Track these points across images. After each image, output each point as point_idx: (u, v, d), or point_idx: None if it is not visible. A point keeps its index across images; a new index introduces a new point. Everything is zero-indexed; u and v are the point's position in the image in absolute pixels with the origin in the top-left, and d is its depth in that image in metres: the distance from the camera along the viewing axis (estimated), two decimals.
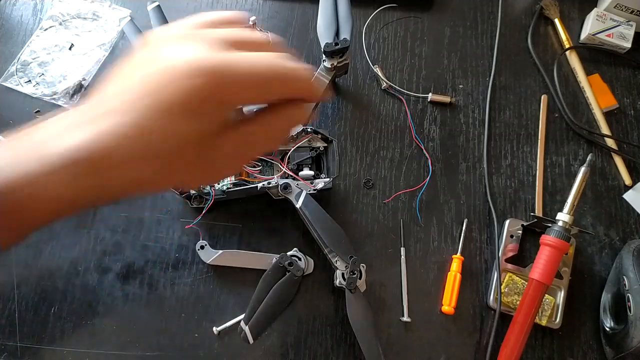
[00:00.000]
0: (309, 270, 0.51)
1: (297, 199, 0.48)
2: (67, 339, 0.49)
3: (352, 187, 0.56)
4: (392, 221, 0.55)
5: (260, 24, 0.60)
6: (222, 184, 0.50)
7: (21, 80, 0.57)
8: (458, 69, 0.62)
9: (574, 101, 0.61)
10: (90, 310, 0.50)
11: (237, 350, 0.50)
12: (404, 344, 0.51)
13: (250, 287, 0.48)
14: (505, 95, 0.61)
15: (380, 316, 0.51)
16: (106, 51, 0.59)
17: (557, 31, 0.64)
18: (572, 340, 0.52)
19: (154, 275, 0.52)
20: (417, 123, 0.59)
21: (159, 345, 0.49)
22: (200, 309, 0.51)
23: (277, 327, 0.50)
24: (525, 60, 0.63)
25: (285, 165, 0.51)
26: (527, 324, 0.47)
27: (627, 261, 0.51)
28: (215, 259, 0.50)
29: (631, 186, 0.58)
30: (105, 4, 0.62)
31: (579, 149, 0.59)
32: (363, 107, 0.59)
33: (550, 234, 0.48)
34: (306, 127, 0.51)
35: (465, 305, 0.52)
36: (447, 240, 0.55)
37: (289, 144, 0.51)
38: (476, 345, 0.51)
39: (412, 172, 0.57)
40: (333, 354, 0.50)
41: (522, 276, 0.52)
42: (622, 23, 0.62)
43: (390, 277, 0.53)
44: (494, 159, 0.58)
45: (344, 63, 0.52)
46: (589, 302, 0.53)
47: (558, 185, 0.58)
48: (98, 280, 0.51)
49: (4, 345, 0.49)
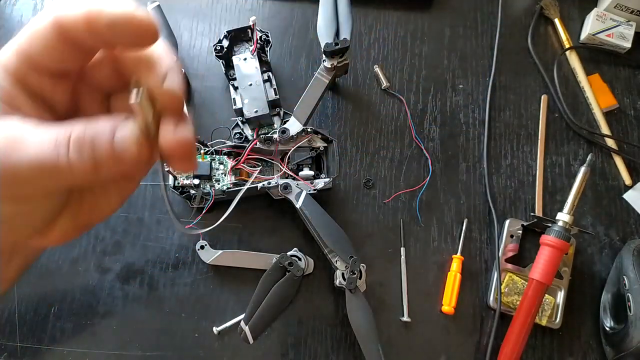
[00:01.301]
0: (309, 270, 0.51)
1: (297, 199, 0.48)
2: (67, 339, 0.49)
3: (352, 187, 0.56)
4: (392, 221, 0.55)
5: (260, 24, 0.60)
6: (222, 183, 0.50)
7: None
8: (458, 69, 0.62)
9: (574, 101, 0.61)
10: (90, 310, 0.50)
11: (237, 350, 0.50)
12: (404, 344, 0.51)
13: (250, 287, 0.48)
14: (505, 95, 0.61)
15: (380, 316, 0.51)
16: None
17: (557, 31, 0.64)
18: (572, 340, 0.52)
19: (154, 275, 0.52)
20: (417, 123, 0.59)
21: (159, 345, 0.49)
22: (200, 309, 0.51)
23: (277, 327, 0.50)
24: (525, 60, 0.63)
25: (285, 165, 0.51)
26: (527, 324, 0.47)
27: (627, 261, 0.51)
28: (215, 259, 0.50)
29: (631, 186, 0.58)
30: None
31: (579, 149, 0.59)
32: (363, 107, 0.59)
33: (550, 234, 0.48)
34: (306, 127, 0.51)
35: (465, 305, 0.52)
36: (447, 240, 0.55)
37: (289, 143, 0.51)
38: (476, 345, 0.51)
39: (412, 172, 0.57)
40: (333, 354, 0.50)
41: (522, 276, 0.52)
42: (622, 23, 0.62)
43: (390, 277, 0.53)
44: (494, 159, 0.58)
45: (344, 63, 0.52)
46: (589, 302, 0.53)
47: (558, 185, 0.58)
48: (98, 280, 0.51)
49: (4, 345, 0.49)
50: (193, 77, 0.59)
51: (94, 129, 0.19)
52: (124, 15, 0.18)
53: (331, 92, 0.60)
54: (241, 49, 0.56)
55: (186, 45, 0.60)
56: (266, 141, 0.50)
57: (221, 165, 0.51)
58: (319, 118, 0.58)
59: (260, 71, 0.53)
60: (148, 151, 0.20)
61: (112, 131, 0.19)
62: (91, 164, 0.19)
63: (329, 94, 0.59)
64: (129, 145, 0.19)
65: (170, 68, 0.20)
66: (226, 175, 0.50)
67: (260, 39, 0.55)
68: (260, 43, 0.55)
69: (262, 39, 0.55)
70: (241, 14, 0.62)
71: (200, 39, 0.61)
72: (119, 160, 0.19)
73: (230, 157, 0.51)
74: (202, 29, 0.61)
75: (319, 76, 0.52)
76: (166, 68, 0.20)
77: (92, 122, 0.19)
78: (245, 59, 0.54)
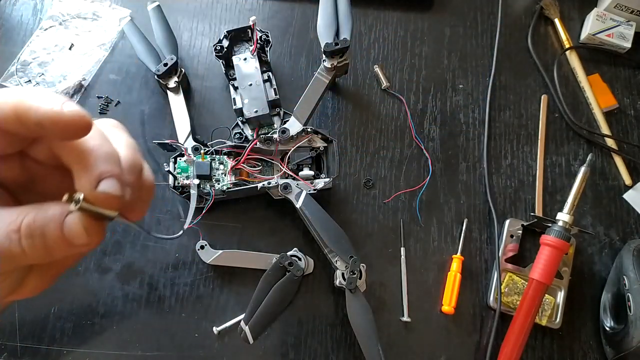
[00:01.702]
0: (309, 270, 0.51)
1: (297, 199, 0.48)
2: (67, 339, 0.49)
3: (352, 187, 0.56)
4: (392, 221, 0.55)
5: (260, 24, 0.60)
6: (222, 183, 0.50)
7: (21, 80, 0.57)
8: (458, 69, 0.62)
9: (574, 101, 0.61)
10: (90, 310, 0.50)
11: (237, 350, 0.50)
12: (404, 344, 0.51)
13: (250, 287, 0.48)
14: (505, 95, 0.61)
15: (380, 316, 0.51)
16: (106, 51, 0.59)
17: (557, 31, 0.64)
18: (572, 340, 0.52)
19: (154, 275, 0.51)
20: (417, 123, 0.59)
21: (159, 345, 0.49)
22: (200, 309, 0.51)
23: (277, 327, 0.50)
24: (525, 60, 0.63)
25: (285, 165, 0.51)
26: (527, 324, 0.47)
27: (627, 261, 0.51)
28: (215, 259, 0.50)
29: (631, 186, 0.58)
30: (105, 4, 0.61)
31: (579, 149, 0.59)
32: (363, 107, 0.59)
33: (550, 233, 0.48)
34: (306, 127, 0.51)
35: (465, 305, 0.52)
36: (447, 240, 0.55)
37: (289, 143, 0.51)
38: (476, 345, 0.51)
39: (412, 172, 0.57)
40: (333, 354, 0.50)
41: (522, 276, 0.52)
42: (622, 23, 0.62)
43: (390, 277, 0.53)
44: (494, 159, 0.58)
45: (344, 63, 0.52)
46: (589, 302, 0.53)
47: (558, 185, 0.58)
48: (98, 280, 0.51)
49: (4, 345, 0.49)
50: (193, 77, 0.59)
51: (44, 216, 0.20)
52: (51, 114, 0.19)
53: (331, 92, 0.60)
54: (241, 49, 0.56)
55: (186, 45, 0.60)
56: (266, 141, 0.50)
57: (221, 165, 0.51)
58: (319, 118, 0.58)
59: (260, 71, 0.53)
60: (99, 230, 0.20)
61: (61, 218, 0.20)
62: (44, 249, 0.20)
63: (329, 94, 0.59)
64: (79, 233, 0.20)
65: (106, 158, 0.20)
66: (226, 175, 0.50)
67: (260, 39, 0.55)
68: (260, 43, 0.55)
69: (262, 39, 0.55)
70: (241, 14, 0.62)
71: (200, 39, 0.61)
72: (70, 245, 0.20)
73: (230, 157, 0.51)
74: (202, 29, 0.61)
75: (319, 76, 0.52)
76: (104, 159, 0.20)
77: (42, 208, 0.20)
78: (245, 59, 0.54)
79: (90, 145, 0.20)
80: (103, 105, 0.57)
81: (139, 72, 0.59)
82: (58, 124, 0.19)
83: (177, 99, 0.53)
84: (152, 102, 0.58)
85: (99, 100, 0.57)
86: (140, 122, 0.57)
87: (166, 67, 0.52)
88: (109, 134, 0.22)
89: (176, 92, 0.53)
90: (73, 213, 0.20)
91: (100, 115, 0.57)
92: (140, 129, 0.56)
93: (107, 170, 0.20)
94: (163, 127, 0.56)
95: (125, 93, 0.58)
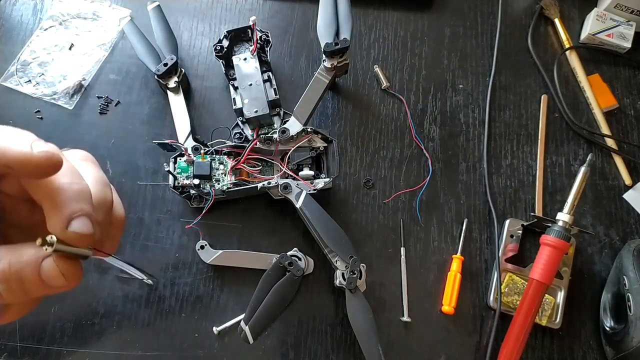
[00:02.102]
0: (309, 270, 0.51)
1: (297, 199, 0.48)
2: (67, 339, 0.49)
3: (352, 187, 0.56)
4: (392, 221, 0.55)
5: (260, 24, 0.60)
6: (222, 183, 0.50)
7: (21, 80, 0.57)
8: (458, 69, 0.62)
9: (574, 101, 0.61)
10: (90, 310, 0.50)
11: (237, 350, 0.50)
12: (404, 344, 0.51)
13: (250, 287, 0.48)
14: (505, 95, 0.61)
15: (380, 316, 0.51)
16: (106, 51, 0.59)
17: (557, 31, 0.64)
18: (572, 340, 0.52)
19: (154, 275, 0.51)
20: (417, 123, 0.59)
21: (159, 345, 0.49)
22: (200, 309, 0.51)
23: (277, 327, 0.50)
24: (525, 60, 0.63)
25: (285, 165, 0.51)
26: (527, 324, 0.47)
27: (627, 261, 0.51)
28: (215, 259, 0.50)
29: (631, 186, 0.58)
30: (105, 4, 0.61)
31: (579, 149, 0.59)
32: (363, 107, 0.59)
33: (550, 233, 0.48)
34: (306, 127, 0.51)
35: (465, 305, 0.52)
36: (447, 240, 0.55)
37: (289, 143, 0.51)
38: (476, 345, 0.51)
39: (412, 172, 0.57)
40: (333, 354, 0.50)
41: (522, 276, 0.52)
42: (622, 23, 0.62)
43: (390, 277, 0.53)
44: (494, 159, 0.58)
45: (344, 63, 0.52)
46: (589, 302, 0.53)
47: (558, 185, 0.58)
48: (98, 280, 0.51)
49: (4, 345, 0.49)
50: (193, 77, 0.59)
51: (19, 261, 0.20)
52: (19, 157, 0.19)
53: (331, 92, 0.60)
54: (241, 49, 0.56)
55: (186, 45, 0.60)
56: (266, 141, 0.50)
57: (221, 165, 0.51)
58: (319, 118, 0.58)
59: (260, 71, 0.53)
60: (76, 272, 0.21)
61: (37, 262, 0.20)
62: (21, 292, 0.20)
63: (329, 94, 0.59)
64: (56, 276, 0.20)
65: (77, 196, 0.20)
66: (226, 175, 0.50)
67: (260, 39, 0.55)
68: (260, 43, 0.55)
69: (262, 39, 0.55)
70: (241, 14, 0.62)
71: (200, 39, 0.61)
72: (48, 287, 0.20)
73: (230, 157, 0.51)
74: (202, 29, 0.61)
75: (319, 76, 0.52)
76: (74, 197, 0.20)
77: (17, 252, 0.20)
78: (245, 59, 0.54)
79: (61, 183, 0.20)
80: (103, 105, 0.57)
81: (139, 72, 0.59)
82: (27, 165, 0.19)
83: (177, 99, 0.53)
84: (152, 102, 0.58)
85: (99, 100, 0.57)
86: (141, 122, 0.57)
87: (166, 67, 0.52)
88: (79, 168, 0.22)
89: (176, 92, 0.53)
90: (49, 258, 0.20)
91: (100, 115, 0.57)
92: (140, 129, 0.56)
93: (78, 209, 0.20)
94: (163, 127, 0.56)
95: (125, 93, 0.58)
